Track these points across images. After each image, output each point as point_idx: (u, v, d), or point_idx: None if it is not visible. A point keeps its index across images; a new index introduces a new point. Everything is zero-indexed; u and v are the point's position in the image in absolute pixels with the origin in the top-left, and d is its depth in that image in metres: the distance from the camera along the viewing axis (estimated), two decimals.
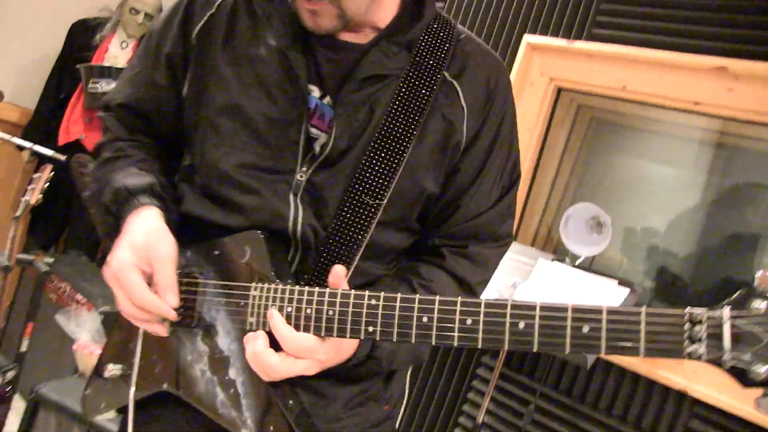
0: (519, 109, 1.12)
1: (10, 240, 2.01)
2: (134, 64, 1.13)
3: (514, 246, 2.27)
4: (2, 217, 3.61)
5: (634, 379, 2.09)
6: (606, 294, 1.98)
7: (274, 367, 0.88)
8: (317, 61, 1.00)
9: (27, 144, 2.30)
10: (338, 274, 0.90)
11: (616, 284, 2.01)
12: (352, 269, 1.00)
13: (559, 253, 2.29)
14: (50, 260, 2.27)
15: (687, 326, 0.67)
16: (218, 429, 1.00)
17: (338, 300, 0.86)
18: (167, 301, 0.93)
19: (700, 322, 0.67)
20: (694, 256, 2.37)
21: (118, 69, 3.15)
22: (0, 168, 3.41)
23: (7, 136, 2.26)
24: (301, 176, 0.99)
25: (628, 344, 0.69)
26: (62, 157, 2.24)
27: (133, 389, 1.05)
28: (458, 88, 1.03)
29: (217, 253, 1.02)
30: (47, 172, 2.05)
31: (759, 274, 0.66)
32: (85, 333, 2.61)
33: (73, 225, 3.50)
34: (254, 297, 0.94)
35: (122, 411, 1.09)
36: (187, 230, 1.05)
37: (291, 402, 0.95)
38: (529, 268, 2.13)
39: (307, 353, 0.88)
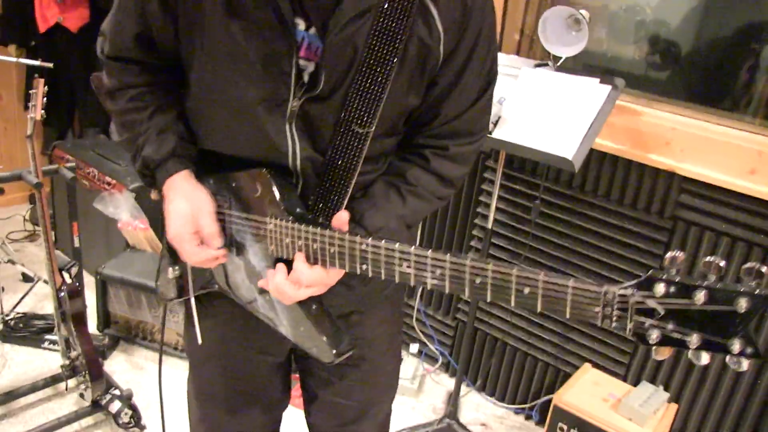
0: None
1: (30, 157, 2.14)
2: None
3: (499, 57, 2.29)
4: (18, 115, 3.73)
5: (626, 165, 2.22)
6: (588, 94, 2.04)
7: (292, 295, 1.08)
8: None
9: (11, 59, 2.34)
10: (342, 220, 1.06)
11: (597, 82, 2.05)
12: (351, 186, 1.12)
13: (543, 58, 2.30)
14: (73, 164, 2.41)
15: (602, 301, 0.82)
16: (251, 331, 1.25)
17: (336, 241, 1.03)
18: (213, 246, 1.14)
19: (613, 298, 0.81)
20: (691, 21, 2.34)
21: None
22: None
23: None
24: (295, 105, 1.07)
25: (558, 308, 0.85)
26: (50, 65, 2.28)
27: (192, 292, 1.33)
28: (434, 12, 1.05)
29: (234, 185, 1.16)
30: (41, 86, 2.10)
31: (668, 255, 0.79)
32: (124, 212, 2.85)
33: (82, 106, 3.60)
34: (270, 230, 1.11)
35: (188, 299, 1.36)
36: (203, 160, 1.20)
37: (314, 306, 1.15)
38: (512, 79, 2.18)
39: (318, 283, 1.08)
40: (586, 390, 2.29)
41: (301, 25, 1.04)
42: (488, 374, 2.79)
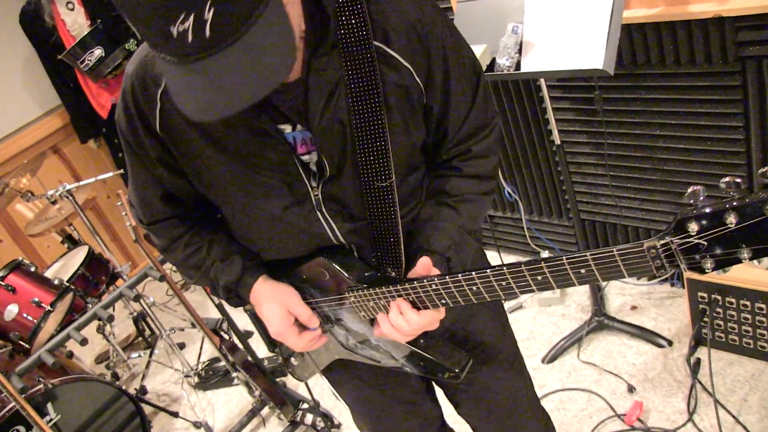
0: None
1: (146, 256, 2.43)
2: (133, 169, 1.25)
3: None
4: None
5: (670, 26, 2.08)
6: None
7: (406, 333, 1.17)
8: (273, 105, 1.09)
9: (90, 181, 2.61)
10: (426, 266, 1.15)
11: None
12: (400, 232, 1.20)
13: None
14: None
15: (650, 254, 0.87)
16: (382, 370, 1.39)
17: (410, 290, 1.14)
18: (313, 326, 1.29)
19: (657, 248, 0.86)
20: None
21: (89, 34, 3.21)
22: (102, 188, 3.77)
23: (76, 185, 2.58)
24: (316, 193, 1.16)
25: (616, 274, 0.91)
26: (120, 171, 2.52)
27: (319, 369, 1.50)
28: (393, 53, 1.07)
29: (304, 277, 1.30)
30: (124, 196, 2.35)
31: (689, 191, 0.82)
32: None
33: None
34: (352, 301, 1.24)
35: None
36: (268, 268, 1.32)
37: (421, 341, 1.28)
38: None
39: (430, 325, 1.16)
40: None
41: (287, 129, 1.11)
42: None
